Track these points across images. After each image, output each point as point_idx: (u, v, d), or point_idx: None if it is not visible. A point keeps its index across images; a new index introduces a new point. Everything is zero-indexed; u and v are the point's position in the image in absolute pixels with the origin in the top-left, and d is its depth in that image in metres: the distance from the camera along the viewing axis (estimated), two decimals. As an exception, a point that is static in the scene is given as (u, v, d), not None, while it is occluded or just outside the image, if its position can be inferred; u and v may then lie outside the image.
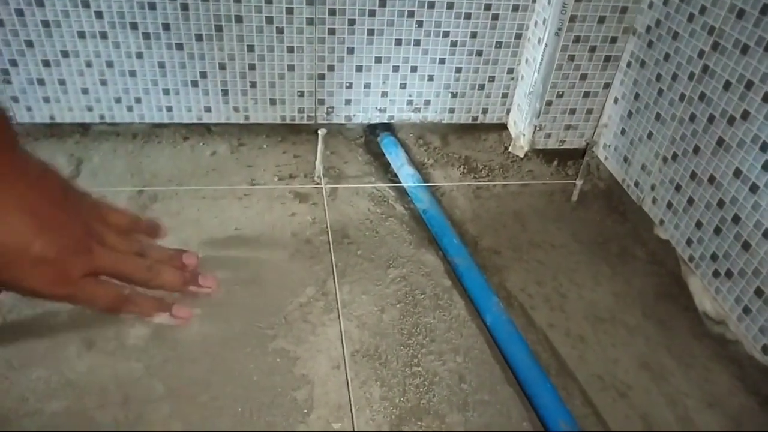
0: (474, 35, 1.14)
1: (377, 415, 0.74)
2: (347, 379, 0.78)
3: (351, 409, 0.74)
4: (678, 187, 0.95)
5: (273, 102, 1.17)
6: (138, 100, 1.13)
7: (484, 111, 1.24)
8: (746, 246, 0.82)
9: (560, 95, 1.12)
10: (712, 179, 0.88)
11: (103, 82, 1.10)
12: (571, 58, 1.08)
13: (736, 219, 0.84)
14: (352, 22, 1.09)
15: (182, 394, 0.74)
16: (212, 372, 0.77)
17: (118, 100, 1.13)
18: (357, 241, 0.99)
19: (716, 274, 0.88)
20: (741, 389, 0.82)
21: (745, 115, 0.81)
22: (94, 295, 0.36)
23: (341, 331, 0.83)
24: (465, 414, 0.75)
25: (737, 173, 0.83)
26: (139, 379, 0.75)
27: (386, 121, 1.23)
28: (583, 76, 1.11)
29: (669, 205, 0.97)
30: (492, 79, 1.20)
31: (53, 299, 0.34)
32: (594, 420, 0.77)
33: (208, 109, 1.16)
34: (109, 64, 1.08)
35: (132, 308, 0.37)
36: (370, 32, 1.10)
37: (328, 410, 0.74)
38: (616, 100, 1.11)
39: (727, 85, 0.84)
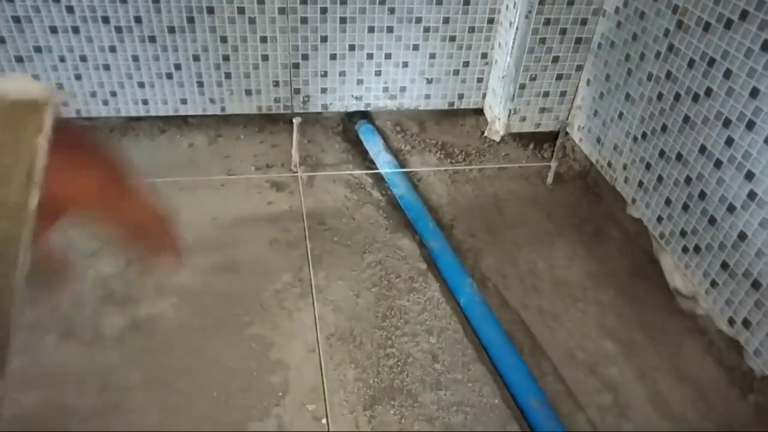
0: (447, 21, 1.14)
1: (351, 396, 0.75)
2: (322, 362, 0.79)
3: (325, 391, 0.75)
4: (648, 166, 0.96)
5: (249, 92, 1.17)
6: (113, 94, 1.13)
7: (460, 96, 1.25)
8: (712, 221, 0.83)
9: (533, 78, 1.13)
10: (679, 156, 0.89)
11: (78, 77, 1.10)
12: (543, 40, 1.09)
13: (702, 195, 0.85)
14: (324, 10, 1.09)
15: (159, 381, 0.75)
16: (189, 359, 0.78)
17: (93, 95, 1.13)
18: (333, 227, 1.00)
19: (685, 249, 0.89)
20: (709, 361, 0.84)
21: (708, 91, 0.82)
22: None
23: (316, 316, 0.85)
24: (438, 393, 0.77)
25: (702, 149, 0.84)
26: (115, 368, 0.76)
27: (363, 109, 1.24)
28: (555, 59, 1.11)
29: (640, 183, 0.99)
30: (466, 64, 1.21)
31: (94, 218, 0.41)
32: (565, 395, 0.78)
33: (184, 101, 1.16)
34: (83, 59, 1.08)
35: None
36: (343, 20, 1.11)
37: (303, 393, 0.75)
38: (588, 82, 1.12)
39: (691, 63, 0.85)
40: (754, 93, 0.75)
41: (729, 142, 0.79)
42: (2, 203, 0.30)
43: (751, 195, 0.76)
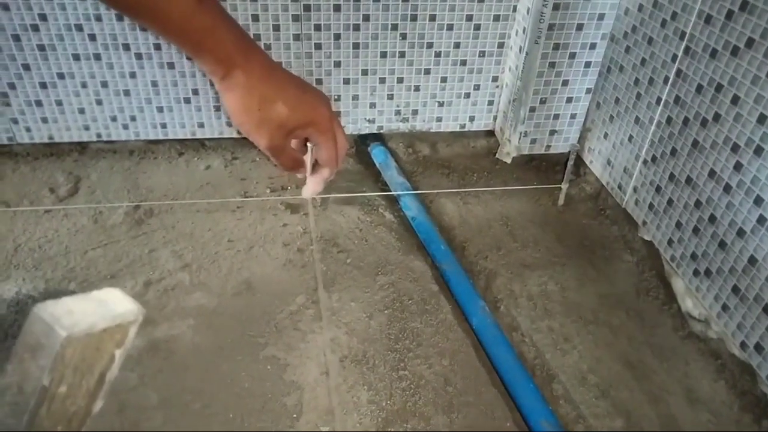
0: (457, 45, 1.17)
1: (364, 419, 0.76)
2: (335, 384, 0.80)
3: (339, 413, 0.76)
4: (658, 189, 0.97)
5: (264, 116, 1.19)
6: (133, 118, 1.17)
7: (471, 119, 1.27)
8: (722, 245, 0.84)
9: (543, 101, 1.15)
10: (689, 180, 0.90)
11: (99, 102, 1.14)
12: (552, 65, 1.10)
13: (712, 219, 0.86)
14: (337, 36, 1.12)
15: (175, 402, 0.77)
16: (205, 380, 0.80)
17: (113, 119, 1.16)
18: (347, 249, 1.01)
19: (696, 273, 0.90)
20: (722, 385, 0.84)
21: (717, 117, 0.83)
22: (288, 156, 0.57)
23: (330, 338, 0.86)
24: (450, 415, 0.78)
25: (711, 174, 0.85)
26: (134, 389, 0.78)
27: (375, 132, 1.26)
28: (565, 82, 1.13)
29: (650, 206, 1.00)
30: (477, 87, 1.23)
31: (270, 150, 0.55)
32: (576, 418, 0.79)
33: (201, 125, 1.19)
34: (104, 85, 1.12)
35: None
36: (356, 46, 1.13)
37: (316, 415, 0.77)
38: (598, 105, 1.14)
39: (699, 89, 0.87)
40: (762, 119, 0.76)
41: (737, 167, 0.80)
42: (67, 408, 0.32)
43: (761, 220, 0.77)
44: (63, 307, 0.30)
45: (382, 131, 1.26)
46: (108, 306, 0.31)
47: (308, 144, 0.65)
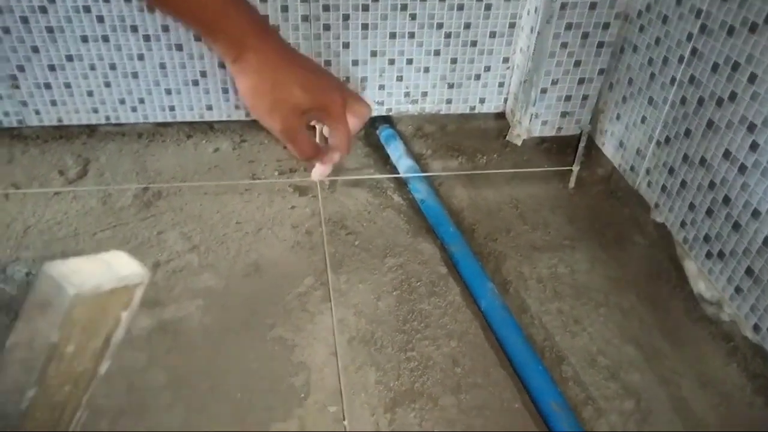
0: (468, 26, 1.15)
1: (372, 399, 0.76)
2: (343, 364, 0.80)
3: (346, 394, 0.76)
4: (671, 170, 0.96)
5: (272, 98, 1.19)
6: (141, 101, 1.16)
7: (482, 101, 1.25)
8: (736, 226, 0.82)
9: (555, 82, 1.13)
10: (703, 161, 0.88)
11: (107, 84, 1.13)
12: (564, 45, 1.08)
13: (726, 200, 0.84)
14: (346, 17, 1.11)
15: (184, 382, 0.77)
16: (213, 361, 0.80)
17: (122, 102, 1.16)
18: (355, 231, 1.01)
19: (709, 255, 0.88)
20: (734, 368, 0.83)
21: (733, 96, 0.82)
22: (303, 141, 0.55)
23: (338, 319, 0.86)
24: (458, 396, 0.77)
25: (726, 154, 0.84)
26: (142, 369, 0.78)
27: (384, 114, 1.25)
28: (577, 63, 1.11)
29: (663, 188, 0.98)
30: (488, 68, 1.21)
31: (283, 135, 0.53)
32: (586, 400, 0.78)
33: (209, 108, 1.19)
34: (112, 67, 1.12)
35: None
36: (365, 27, 1.12)
37: (324, 395, 0.77)
38: (611, 86, 1.12)
39: (715, 67, 0.85)
40: (780, 97, 0.74)
41: (754, 147, 0.79)
42: (74, 368, 0.32)
43: (777, 200, 0.75)
44: (71, 266, 0.30)
45: (391, 113, 1.25)
46: (114, 268, 0.31)
47: (317, 125, 0.65)
